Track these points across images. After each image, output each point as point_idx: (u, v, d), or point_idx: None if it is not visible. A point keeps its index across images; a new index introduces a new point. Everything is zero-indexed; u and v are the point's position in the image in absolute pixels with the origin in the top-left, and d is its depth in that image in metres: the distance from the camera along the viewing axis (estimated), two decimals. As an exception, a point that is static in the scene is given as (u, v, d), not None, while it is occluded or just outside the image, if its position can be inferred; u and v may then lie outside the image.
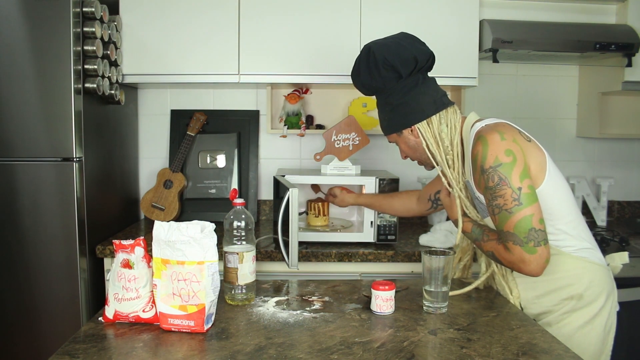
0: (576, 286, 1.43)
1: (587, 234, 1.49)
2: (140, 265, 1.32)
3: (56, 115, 1.92)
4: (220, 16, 2.31)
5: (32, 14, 1.88)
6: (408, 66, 1.52)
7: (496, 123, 1.45)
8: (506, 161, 1.35)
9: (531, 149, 1.41)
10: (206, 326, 1.26)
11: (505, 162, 1.35)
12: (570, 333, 1.42)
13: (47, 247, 1.95)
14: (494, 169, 1.36)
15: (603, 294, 1.44)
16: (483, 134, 1.40)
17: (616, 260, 1.57)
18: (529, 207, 1.33)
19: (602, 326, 1.44)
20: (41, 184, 1.94)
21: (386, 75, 1.52)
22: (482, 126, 1.45)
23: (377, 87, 1.57)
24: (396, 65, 1.50)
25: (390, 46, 1.52)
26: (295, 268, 1.84)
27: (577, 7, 2.63)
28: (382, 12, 2.33)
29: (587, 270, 1.44)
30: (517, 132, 1.42)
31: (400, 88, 1.54)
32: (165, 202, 2.51)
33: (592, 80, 2.72)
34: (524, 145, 1.39)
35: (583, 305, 1.43)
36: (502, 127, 1.41)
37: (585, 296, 1.43)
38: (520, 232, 1.33)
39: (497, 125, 1.43)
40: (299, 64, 2.34)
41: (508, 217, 1.34)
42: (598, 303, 1.43)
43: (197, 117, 2.56)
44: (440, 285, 1.40)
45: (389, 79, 1.53)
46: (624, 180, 2.87)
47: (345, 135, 2.24)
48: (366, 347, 1.19)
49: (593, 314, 1.43)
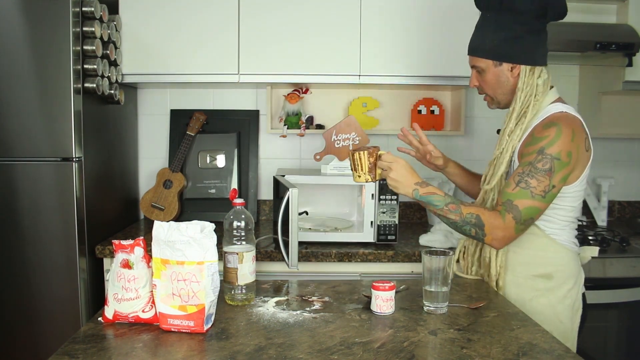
0: (549, 267, 1.53)
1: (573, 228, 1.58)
2: (139, 265, 1.31)
3: (56, 115, 1.91)
4: (220, 16, 2.31)
5: (31, 13, 1.87)
6: (556, 13, 1.51)
7: (575, 117, 1.48)
8: (565, 160, 1.42)
9: (584, 159, 1.48)
10: (206, 326, 1.26)
11: (564, 160, 1.41)
12: (543, 311, 1.51)
13: (47, 247, 1.95)
14: (552, 158, 1.41)
15: (572, 277, 1.55)
16: (562, 122, 1.44)
17: (587, 252, 1.66)
18: (545, 204, 1.43)
19: (570, 306, 1.54)
20: (41, 184, 1.93)
21: (535, 7, 1.48)
22: (564, 112, 1.48)
23: (513, 6, 1.49)
24: (550, 6, 1.48)
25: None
26: (295, 268, 1.84)
27: (578, 7, 2.63)
28: (382, 12, 2.33)
29: (560, 255, 1.53)
30: (584, 138, 1.48)
31: (532, 24, 1.50)
32: (164, 202, 2.51)
33: (592, 80, 2.71)
34: (582, 154, 1.46)
35: (553, 286, 1.53)
36: (577, 128, 1.45)
37: (555, 277, 1.53)
38: (524, 214, 1.41)
39: (574, 121, 1.47)
40: (299, 64, 2.34)
41: (527, 197, 1.41)
42: (567, 285, 1.54)
43: (197, 117, 2.56)
44: (440, 286, 1.39)
45: (534, 11, 1.48)
46: (625, 180, 2.87)
47: (345, 135, 2.24)
48: (366, 348, 1.19)
49: (562, 295, 1.53)
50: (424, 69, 2.37)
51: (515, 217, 1.41)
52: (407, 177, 1.49)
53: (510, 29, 1.50)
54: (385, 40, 2.34)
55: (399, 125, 2.70)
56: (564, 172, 1.42)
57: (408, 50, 2.34)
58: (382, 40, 2.34)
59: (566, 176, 1.43)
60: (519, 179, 1.42)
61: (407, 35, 2.34)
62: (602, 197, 2.73)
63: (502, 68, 1.54)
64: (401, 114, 2.73)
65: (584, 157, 1.47)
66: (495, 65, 1.54)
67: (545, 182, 1.40)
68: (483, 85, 1.60)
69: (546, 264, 1.53)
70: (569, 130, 1.42)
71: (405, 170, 1.49)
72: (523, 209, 1.40)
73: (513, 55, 1.51)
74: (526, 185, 1.40)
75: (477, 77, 1.61)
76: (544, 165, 1.40)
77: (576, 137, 1.43)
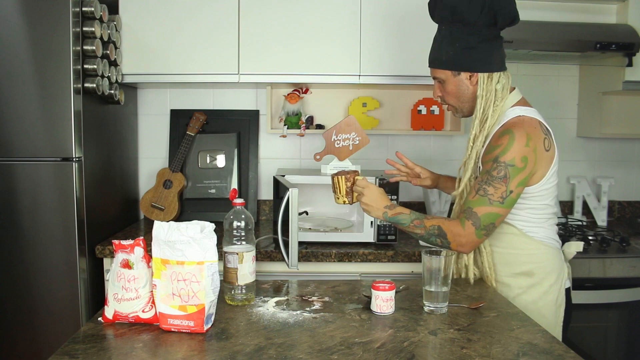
0: (529, 264, 1.58)
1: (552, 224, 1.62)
2: (139, 265, 1.32)
3: (56, 115, 1.91)
4: (220, 16, 2.31)
5: (31, 13, 1.87)
6: (506, 20, 1.55)
7: (531, 120, 1.51)
8: (519, 166, 1.46)
9: (545, 159, 1.51)
10: (206, 326, 1.26)
11: (518, 166, 1.46)
12: (526, 307, 1.54)
13: (47, 247, 1.95)
14: (506, 165, 1.46)
15: (553, 273, 1.59)
16: (515, 128, 1.48)
17: (572, 248, 1.69)
18: (505, 209, 1.49)
19: (553, 302, 1.59)
20: (41, 184, 1.93)
21: (485, 18, 1.53)
22: (520, 116, 1.52)
23: (463, 19, 1.54)
24: (498, 15, 1.52)
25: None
26: (295, 268, 1.84)
27: (578, 7, 2.63)
28: (382, 12, 2.33)
29: (540, 252, 1.58)
30: (542, 139, 1.50)
31: (485, 33, 1.55)
32: (164, 202, 2.51)
33: (592, 80, 2.71)
34: (541, 156, 1.49)
35: (535, 282, 1.58)
36: (532, 131, 1.48)
37: (536, 274, 1.58)
38: (483, 220, 1.48)
39: (530, 124, 1.50)
40: (299, 64, 2.34)
41: (485, 204, 1.48)
42: (549, 281, 1.58)
43: (197, 117, 2.56)
44: (440, 286, 1.39)
45: (484, 22, 1.54)
46: (625, 180, 2.87)
47: (345, 135, 2.24)
48: (366, 348, 1.19)
49: (544, 291, 1.58)
50: (423, 69, 2.35)
51: (474, 224, 1.48)
52: (378, 201, 1.60)
53: (464, 39, 1.56)
54: (385, 41, 2.34)
55: (399, 126, 2.70)
56: (521, 177, 1.47)
57: (408, 50, 2.34)
58: (382, 40, 2.34)
59: (524, 180, 1.48)
60: (478, 187, 1.49)
61: (407, 36, 2.34)
62: (602, 197, 2.73)
63: (460, 77, 1.60)
64: (401, 114, 2.73)
65: (544, 157, 1.50)
66: (454, 75, 1.60)
67: (502, 188, 1.46)
68: (445, 95, 1.66)
69: (526, 261, 1.59)
70: (522, 136, 1.46)
71: (376, 195, 1.60)
72: (482, 216, 1.47)
73: (469, 65, 1.57)
74: (484, 193, 1.48)
75: (439, 87, 1.67)
76: (498, 173, 1.46)
77: (532, 141, 1.47)
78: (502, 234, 1.60)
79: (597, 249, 2.26)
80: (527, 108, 1.56)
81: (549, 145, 1.52)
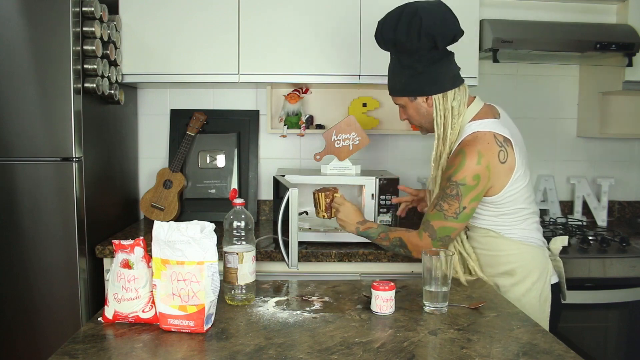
0: (510, 264, 1.65)
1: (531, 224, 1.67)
2: (139, 265, 1.32)
3: (56, 115, 1.91)
4: (220, 16, 2.31)
5: (31, 13, 1.87)
6: (446, 40, 1.59)
7: (485, 135, 1.56)
8: (470, 184, 1.54)
9: (502, 171, 1.56)
10: (206, 326, 1.26)
11: (469, 184, 1.55)
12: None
13: (47, 247, 1.95)
14: (457, 184, 1.55)
15: (535, 271, 1.65)
16: (468, 147, 1.55)
17: (557, 243, 1.75)
18: (459, 223, 1.59)
19: (536, 298, 1.65)
20: (41, 184, 1.93)
21: (424, 43, 1.57)
22: (475, 132, 1.57)
23: (406, 49, 1.60)
24: (437, 37, 1.56)
25: (436, 17, 1.57)
26: (295, 268, 1.84)
27: (578, 7, 2.63)
28: (382, 12, 2.32)
29: (520, 251, 1.65)
30: (497, 153, 1.54)
31: (429, 57, 1.61)
32: (164, 202, 2.51)
33: (592, 80, 2.71)
34: (495, 170, 1.55)
35: (517, 281, 1.64)
36: (485, 147, 1.54)
37: (518, 273, 1.64)
38: (439, 233, 1.60)
39: (484, 140, 1.55)
40: (299, 64, 2.34)
41: (441, 218, 1.59)
42: (531, 278, 1.64)
43: (197, 117, 2.56)
44: (440, 285, 1.39)
45: (425, 47, 1.58)
46: (625, 180, 2.87)
47: (345, 135, 2.24)
48: (366, 348, 1.19)
49: (527, 289, 1.64)
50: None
51: (430, 235, 1.61)
52: (351, 217, 1.77)
53: (412, 67, 1.63)
54: (385, 40, 2.34)
55: (399, 126, 2.69)
56: (473, 193, 1.55)
57: (408, 50, 2.34)
58: (382, 40, 2.33)
59: (478, 195, 1.56)
60: (436, 202, 1.61)
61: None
62: (602, 197, 2.73)
63: (417, 101, 1.68)
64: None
65: (500, 170, 1.56)
66: (411, 100, 1.69)
67: (455, 205, 1.56)
68: (409, 118, 1.75)
69: (507, 262, 1.65)
70: (473, 155, 1.53)
71: (351, 212, 1.78)
72: (437, 229, 1.60)
73: (422, 89, 1.65)
74: (440, 209, 1.59)
75: (402, 112, 1.77)
76: (451, 191, 1.56)
77: (483, 158, 1.53)
78: (483, 237, 1.68)
79: (597, 249, 2.26)
80: (483, 121, 1.61)
81: (505, 156, 1.56)
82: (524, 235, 1.65)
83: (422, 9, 1.57)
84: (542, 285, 1.66)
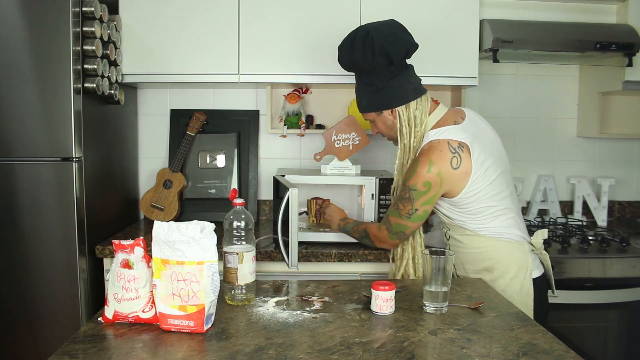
0: (488, 261, 1.72)
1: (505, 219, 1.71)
2: (139, 265, 1.32)
3: (56, 115, 1.91)
4: (220, 16, 2.31)
5: (31, 13, 1.87)
6: (400, 55, 1.70)
7: (439, 144, 1.65)
8: (421, 190, 1.67)
9: (456, 176, 1.64)
10: (206, 326, 1.26)
11: (420, 190, 1.67)
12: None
13: (47, 247, 1.95)
14: (409, 189, 1.68)
15: (513, 265, 1.70)
16: (421, 156, 1.66)
17: (538, 237, 1.78)
18: (412, 223, 1.74)
19: (517, 292, 1.69)
20: (41, 184, 1.93)
21: (379, 60, 1.69)
22: (431, 141, 1.67)
23: (365, 68, 1.73)
24: (391, 53, 1.68)
25: (388, 35, 1.69)
26: (295, 268, 1.84)
27: (578, 7, 2.63)
28: (382, 12, 2.33)
29: (495, 248, 1.71)
30: (449, 160, 1.63)
31: (387, 73, 1.72)
32: (164, 202, 2.51)
33: (592, 80, 2.72)
34: (448, 176, 1.64)
35: (496, 277, 1.71)
36: (437, 156, 1.64)
37: (496, 268, 1.71)
38: (394, 228, 1.77)
39: (437, 149, 1.65)
40: (299, 64, 2.34)
41: (397, 215, 1.75)
42: (509, 273, 1.70)
43: (197, 117, 2.56)
44: (440, 285, 1.39)
45: (381, 64, 1.70)
46: (625, 180, 2.87)
47: (345, 135, 2.24)
48: (366, 348, 1.19)
49: (506, 284, 1.70)
50: (423, 69, 2.36)
51: (387, 229, 1.79)
52: (334, 216, 2.07)
53: (372, 84, 1.75)
54: (385, 40, 2.33)
55: (399, 125, 2.69)
56: (424, 198, 1.67)
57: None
58: (382, 40, 2.33)
59: (431, 199, 1.67)
60: (395, 202, 1.76)
61: (407, 35, 2.33)
62: (602, 197, 2.73)
63: (384, 115, 1.79)
64: (401, 114, 2.72)
65: (453, 175, 1.64)
66: (378, 115, 1.80)
67: (408, 207, 1.70)
68: (380, 132, 1.87)
69: (485, 258, 1.72)
70: (425, 164, 1.64)
71: (334, 211, 2.09)
72: (393, 224, 1.76)
73: (386, 103, 1.76)
74: (397, 207, 1.74)
75: (374, 126, 1.88)
76: (405, 194, 1.70)
77: (434, 166, 1.63)
78: (461, 235, 1.75)
79: (597, 249, 2.26)
80: (440, 129, 1.70)
81: (458, 162, 1.64)
82: (498, 232, 1.70)
83: (373, 29, 1.69)
84: (521, 280, 1.70)
